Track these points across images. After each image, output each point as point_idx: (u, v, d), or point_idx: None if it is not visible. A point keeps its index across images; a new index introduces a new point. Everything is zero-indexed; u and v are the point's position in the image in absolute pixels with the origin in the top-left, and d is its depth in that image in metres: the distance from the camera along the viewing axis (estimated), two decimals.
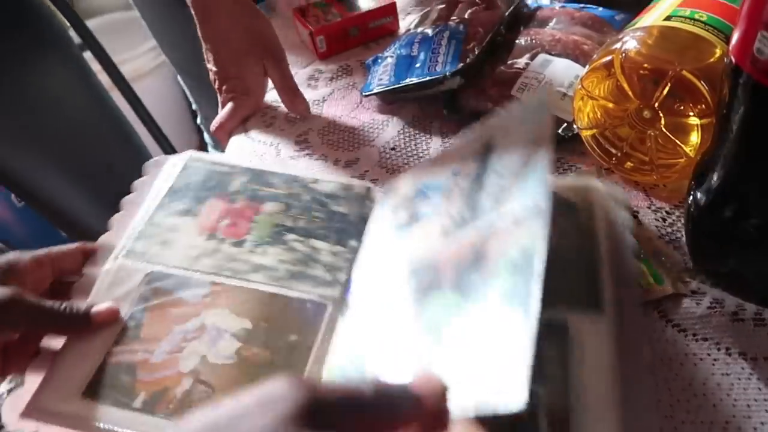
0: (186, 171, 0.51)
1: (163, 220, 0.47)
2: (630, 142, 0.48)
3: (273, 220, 0.47)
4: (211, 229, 0.46)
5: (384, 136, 0.59)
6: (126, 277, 0.44)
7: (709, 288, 0.41)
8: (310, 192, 0.49)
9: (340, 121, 0.62)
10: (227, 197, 0.48)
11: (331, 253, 0.45)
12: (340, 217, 0.47)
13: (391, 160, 0.56)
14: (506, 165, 0.34)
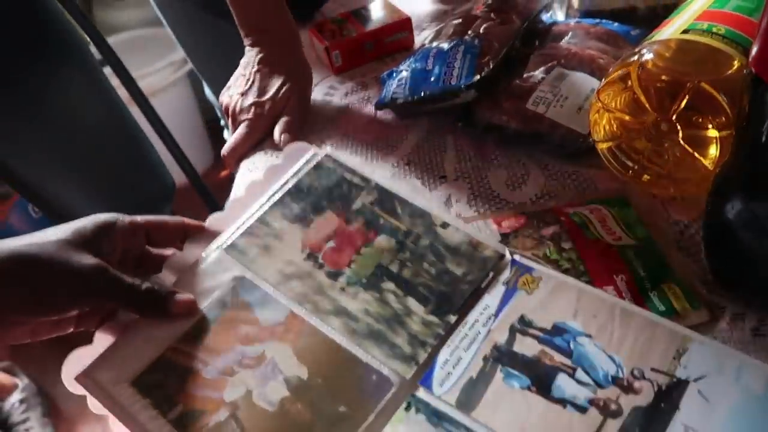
0: (317, 170, 0.50)
1: (275, 221, 0.47)
2: (647, 155, 0.48)
3: (379, 257, 0.44)
4: (315, 248, 0.45)
5: (399, 150, 0.59)
6: (218, 272, 0.44)
7: (728, 302, 0.40)
8: (433, 236, 0.45)
9: (354, 136, 0.62)
10: (346, 214, 0.47)
11: (422, 321, 0.41)
12: (452, 279, 0.43)
13: (405, 174, 0.56)
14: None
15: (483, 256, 0.43)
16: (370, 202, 0.47)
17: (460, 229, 0.45)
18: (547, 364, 0.37)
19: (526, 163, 0.55)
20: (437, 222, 0.46)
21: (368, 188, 0.48)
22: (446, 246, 0.44)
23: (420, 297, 0.42)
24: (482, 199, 0.53)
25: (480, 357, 0.38)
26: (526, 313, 0.40)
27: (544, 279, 0.42)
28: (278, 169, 0.50)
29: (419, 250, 0.44)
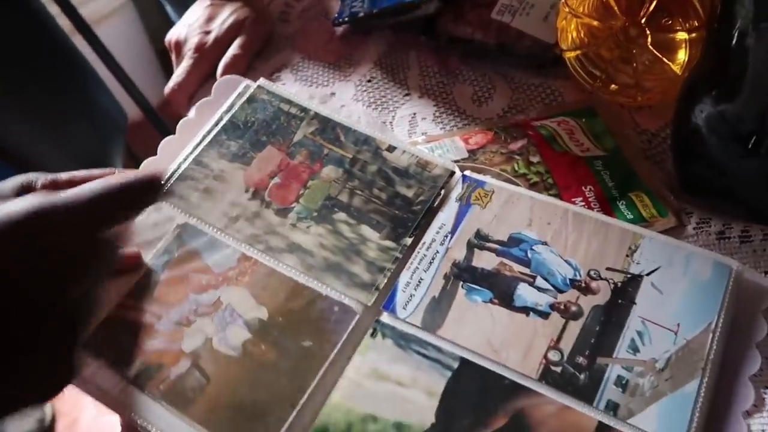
0: (251, 104, 0.49)
1: (212, 161, 0.46)
2: (614, 64, 0.46)
3: (327, 189, 0.45)
4: (260, 186, 0.45)
5: (359, 68, 0.56)
6: (159, 221, 0.44)
7: (695, 208, 0.40)
8: (380, 161, 0.46)
9: (313, 56, 0.59)
10: (287, 148, 0.47)
11: (378, 247, 0.41)
12: (403, 202, 0.43)
13: (368, 92, 0.53)
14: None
15: (432, 174, 0.45)
16: (311, 132, 0.48)
17: (407, 151, 0.46)
18: (507, 276, 0.40)
19: (491, 76, 0.54)
20: (382, 146, 0.46)
21: (308, 118, 0.48)
22: (394, 169, 0.45)
23: (373, 223, 0.43)
24: (448, 116, 0.51)
25: (440, 276, 0.40)
26: (481, 227, 0.42)
27: (497, 192, 0.42)
28: (209, 105, 0.50)
29: (367, 177, 0.45)
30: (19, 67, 0.79)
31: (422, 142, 0.50)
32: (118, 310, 0.40)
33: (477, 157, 0.47)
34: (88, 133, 0.92)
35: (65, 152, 0.88)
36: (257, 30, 0.62)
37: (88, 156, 0.90)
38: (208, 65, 0.62)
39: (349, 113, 0.55)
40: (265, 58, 0.63)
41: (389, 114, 0.54)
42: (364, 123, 0.53)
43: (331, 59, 0.61)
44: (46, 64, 0.84)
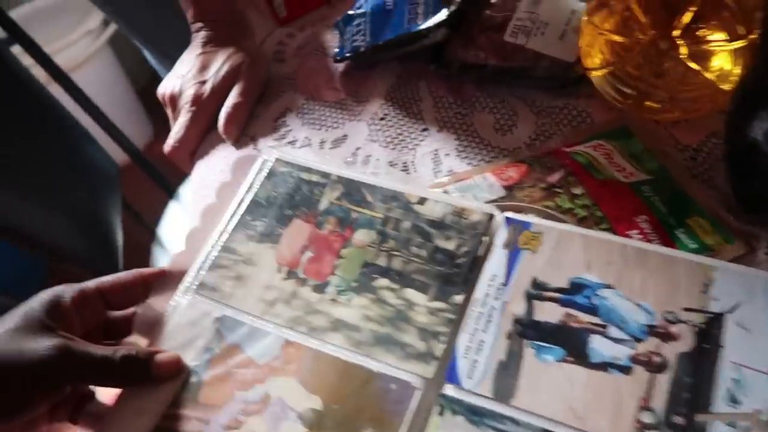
0: (271, 179, 0.47)
1: (240, 245, 0.44)
2: (645, 79, 0.43)
3: (363, 255, 0.42)
4: (292, 264, 0.43)
5: (369, 106, 0.53)
6: (195, 318, 0.41)
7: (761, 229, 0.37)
8: (412, 216, 0.43)
9: (317, 96, 0.56)
10: (315, 218, 0.44)
11: (428, 310, 0.38)
12: (445, 256, 0.40)
13: (383, 131, 0.50)
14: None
15: (471, 221, 0.42)
16: (337, 197, 0.45)
17: (439, 201, 0.43)
18: (576, 328, 0.37)
19: (511, 102, 0.51)
20: (413, 199, 0.44)
21: (330, 183, 0.46)
22: (430, 222, 0.43)
23: (418, 285, 0.40)
24: (472, 149, 0.48)
25: (503, 335, 0.37)
26: (536, 274, 0.39)
27: (546, 233, 0.39)
28: (229, 186, 0.48)
29: (402, 235, 0.42)
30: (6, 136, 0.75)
31: (450, 182, 0.46)
32: (164, 421, 0.36)
33: (514, 194, 0.44)
34: (82, 191, 0.88)
35: (60, 215, 0.84)
36: (255, 74, 0.59)
37: (84, 215, 0.86)
38: (208, 117, 0.58)
39: (366, 156, 0.51)
40: (266, 103, 0.59)
41: (409, 153, 0.51)
42: (384, 165, 0.50)
43: (336, 98, 0.58)
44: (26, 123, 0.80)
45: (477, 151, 0.49)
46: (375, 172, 0.50)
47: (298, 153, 0.53)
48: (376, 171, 0.50)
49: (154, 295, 0.43)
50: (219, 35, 0.60)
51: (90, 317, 0.39)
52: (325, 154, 0.53)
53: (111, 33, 1.73)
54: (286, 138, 0.55)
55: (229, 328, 0.40)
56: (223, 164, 0.54)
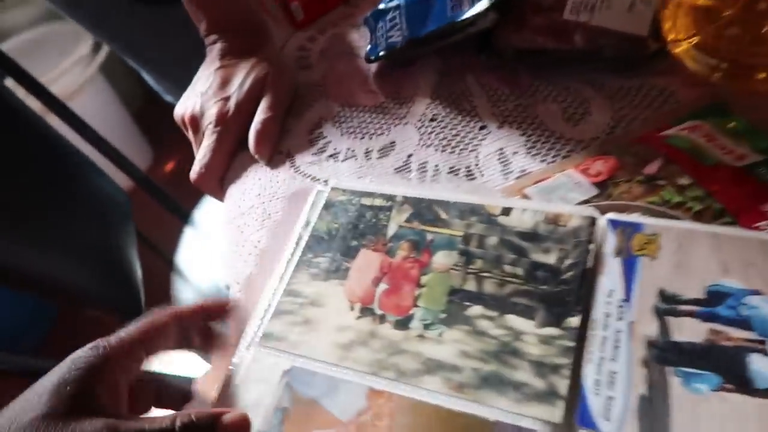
0: (329, 210, 0.42)
1: (304, 287, 0.39)
2: (740, 46, 0.37)
3: (447, 281, 0.36)
4: (366, 300, 0.37)
5: (415, 107, 0.47)
6: (261, 373, 0.36)
7: None
8: (498, 230, 0.37)
9: (352, 102, 0.50)
10: (384, 246, 0.39)
11: (539, 339, 0.32)
12: (547, 272, 0.35)
13: (436, 134, 0.44)
14: None
15: (570, 228, 0.36)
16: (406, 219, 0.40)
17: (527, 209, 0.37)
18: (728, 347, 0.30)
19: (577, 88, 0.45)
20: (495, 211, 0.38)
21: (396, 206, 0.41)
22: (520, 234, 0.37)
23: (520, 310, 0.34)
24: (543, 144, 0.43)
25: (637, 363, 0.31)
26: (663, 285, 0.33)
27: (663, 234, 0.33)
28: (284, 225, 0.43)
29: (490, 253, 0.37)
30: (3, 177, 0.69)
31: (528, 184, 0.41)
32: None
33: (610, 191, 0.38)
34: (93, 225, 0.82)
35: (72, 254, 0.78)
36: (282, 85, 0.53)
37: (99, 252, 0.80)
38: (235, 137, 0.52)
39: (421, 164, 0.45)
40: (297, 115, 0.54)
41: (470, 155, 0.45)
42: (444, 173, 0.44)
43: (374, 102, 0.52)
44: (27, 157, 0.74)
45: (549, 146, 0.43)
46: (435, 180, 0.44)
47: (343, 166, 0.47)
48: (436, 179, 0.44)
49: (215, 356, 0.38)
50: (237, 46, 0.54)
51: (138, 372, 0.33)
52: (374, 165, 0.47)
53: (103, 58, 1.67)
54: (326, 151, 0.50)
55: (302, 381, 0.34)
56: (258, 187, 0.49)
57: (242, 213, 0.48)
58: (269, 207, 0.46)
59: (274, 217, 0.46)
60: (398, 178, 0.45)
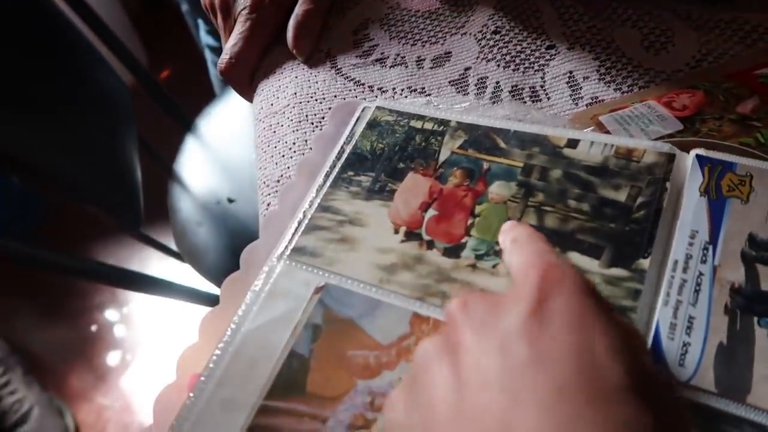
0: (373, 128, 0.39)
1: (343, 204, 0.36)
2: None
3: (504, 212, 0.34)
4: (412, 224, 0.35)
5: (475, 17, 0.43)
6: (290, 287, 0.34)
7: None
8: (563, 163, 0.34)
9: (404, 4, 0.46)
10: (434, 171, 0.36)
11: (604, 279, 0.30)
12: (617, 210, 0.32)
13: (499, 48, 0.40)
14: None
15: (645, 164, 0.33)
16: (460, 146, 0.37)
17: (596, 142, 0.34)
18: None
19: (659, 14, 0.41)
20: (560, 143, 0.35)
21: (450, 131, 0.37)
22: (588, 168, 0.34)
23: (585, 248, 0.31)
24: (619, 71, 0.39)
25: (720, 310, 0.29)
26: (754, 230, 0.30)
27: (757, 176, 0.30)
28: (326, 136, 0.40)
29: (553, 186, 0.34)
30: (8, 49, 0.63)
31: (601, 112, 0.37)
32: (262, 416, 0.28)
33: (698, 127, 0.35)
34: (99, 122, 0.77)
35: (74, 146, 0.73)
36: None
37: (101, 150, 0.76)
38: (270, 27, 0.48)
39: (480, 79, 0.42)
40: (340, 13, 0.49)
41: (536, 74, 0.41)
42: (506, 91, 0.41)
43: (428, 6, 0.48)
44: (30, 36, 0.69)
45: (626, 74, 0.40)
46: (495, 98, 0.41)
47: (391, 73, 0.44)
48: (497, 97, 0.41)
49: (244, 258, 0.35)
50: None
51: None
52: (426, 75, 0.43)
53: None
54: (372, 54, 0.45)
55: (337, 300, 0.32)
56: (295, 86, 0.45)
57: (275, 112, 0.44)
58: (306, 108, 0.43)
59: (311, 119, 0.42)
60: (454, 91, 0.42)
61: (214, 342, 0.32)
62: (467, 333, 0.23)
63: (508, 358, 0.21)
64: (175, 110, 1.00)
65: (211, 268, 0.83)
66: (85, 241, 1.55)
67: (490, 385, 0.21)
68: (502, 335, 0.22)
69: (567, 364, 0.20)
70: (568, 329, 0.21)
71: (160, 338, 1.41)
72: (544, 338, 0.21)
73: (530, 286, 0.23)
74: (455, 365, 0.22)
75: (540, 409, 0.19)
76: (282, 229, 0.36)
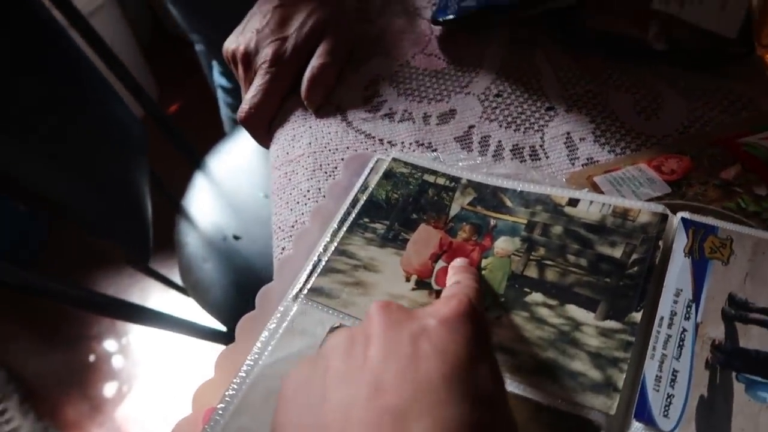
0: (389, 179, 0.42)
1: (358, 249, 0.39)
2: None
3: (508, 266, 0.37)
4: (423, 273, 0.37)
5: (479, 78, 0.47)
6: (305, 326, 0.36)
7: None
8: (563, 220, 0.37)
9: (413, 63, 0.49)
10: (445, 224, 0.39)
11: (599, 331, 0.33)
12: (612, 266, 0.35)
13: (500, 109, 0.44)
14: None
15: (639, 223, 0.36)
16: (469, 203, 0.40)
17: (595, 201, 0.38)
18: None
19: (651, 81, 0.45)
20: (561, 201, 0.38)
21: (460, 188, 0.41)
22: (586, 226, 0.37)
23: (582, 301, 0.34)
24: (613, 134, 0.42)
25: (701, 365, 0.31)
26: (734, 290, 0.33)
27: (736, 240, 0.33)
28: (340, 185, 0.43)
29: (554, 242, 0.37)
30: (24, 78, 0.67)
31: (596, 173, 0.41)
32: None
33: (684, 191, 0.38)
34: (112, 155, 0.80)
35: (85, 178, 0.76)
36: (342, 33, 0.52)
37: (113, 183, 0.79)
38: (288, 80, 0.51)
39: (483, 137, 0.45)
40: (352, 69, 0.53)
41: (535, 135, 0.45)
42: (507, 150, 0.44)
43: (435, 66, 0.51)
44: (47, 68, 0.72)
45: (619, 136, 0.43)
46: (497, 156, 0.44)
47: (399, 127, 0.47)
48: (499, 155, 0.44)
49: (260, 298, 0.38)
50: None
51: None
52: (432, 131, 0.46)
53: None
54: (381, 110, 0.49)
55: None
56: (309, 136, 0.48)
57: (290, 160, 0.47)
58: (321, 158, 0.46)
59: (325, 168, 0.45)
60: (458, 147, 0.45)
61: (230, 377, 0.34)
62: (381, 326, 0.27)
63: (411, 349, 0.26)
64: (185, 146, 1.04)
65: (215, 304, 0.86)
66: (84, 269, 1.57)
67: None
68: (410, 333, 0.27)
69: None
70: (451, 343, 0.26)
71: (157, 371, 1.42)
72: (440, 342, 0.26)
73: (449, 308, 0.28)
74: (355, 356, 0.27)
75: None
76: (296, 272, 0.39)
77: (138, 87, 0.99)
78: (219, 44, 0.55)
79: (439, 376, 0.25)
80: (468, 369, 0.25)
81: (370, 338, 0.27)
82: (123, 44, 1.71)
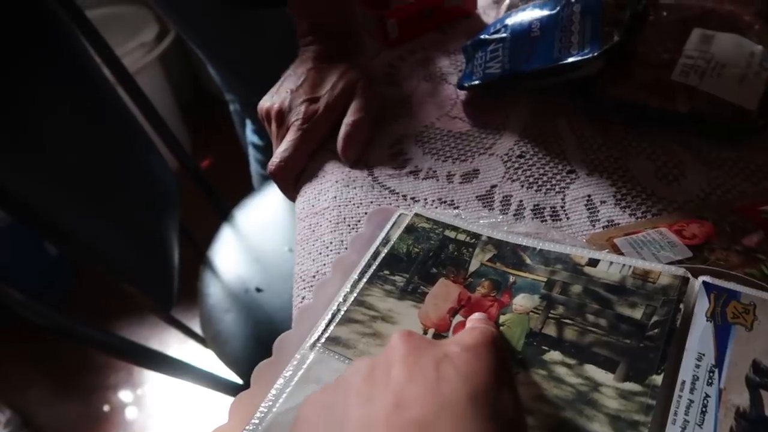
0: (411, 233, 0.43)
1: (377, 301, 0.39)
2: None
3: (526, 323, 0.36)
4: (440, 327, 0.37)
5: (502, 140, 0.48)
6: (322, 374, 0.36)
7: None
8: (583, 280, 0.37)
9: (438, 125, 0.51)
10: (464, 279, 0.39)
11: (618, 393, 0.32)
12: (632, 327, 0.34)
13: (523, 170, 0.45)
14: None
15: (659, 286, 0.36)
16: (489, 259, 0.40)
17: (615, 263, 0.37)
18: None
19: (671, 149, 0.45)
20: (581, 261, 0.38)
21: (480, 244, 0.41)
22: (606, 286, 0.37)
23: (601, 361, 0.33)
24: (634, 198, 0.43)
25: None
26: (758, 357, 0.31)
27: (759, 306, 0.32)
28: (363, 238, 0.44)
29: (573, 301, 0.36)
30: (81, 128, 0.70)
31: (616, 235, 0.41)
32: None
33: (706, 256, 0.38)
34: (144, 206, 0.83)
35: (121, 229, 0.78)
36: (372, 94, 0.54)
37: (144, 233, 0.81)
38: (319, 137, 0.53)
39: (505, 197, 0.46)
40: (379, 128, 0.55)
41: (556, 196, 0.45)
42: (528, 210, 0.45)
43: (459, 128, 0.53)
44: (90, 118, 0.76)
45: (640, 201, 0.44)
46: (518, 215, 0.44)
47: (423, 185, 0.48)
48: (520, 215, 0.44)
49: (278, 345, 0.38)
50: (332, 50, 0.56)
51: None
52: (455, 189, 0.47)
53: (164, 48, 1.72)
54: (407, 167, 0.50)
55: None
56: (335, 190, 0.49)
57: (315, 212, 0.48)
58: (345, 212, 0.47)
59: (348, 221, 0.46)
60: (480, 205, 0.46)
61: (243, 423, 0.34)
62: (403, 351, 0.28)
63: (434, 373, 0.27)
64: (215, 198, 1.07)
65: (233, 356, 0.86)
66: (106, 316, 1.58)
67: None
68: (434, 358, 0.28)
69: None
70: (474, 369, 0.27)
71: (170, 423, 1.40)
72: (464, 366, 0.27)
73: (472, 337, 0.29)
74: (377, 378, 0.27)
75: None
76: (314, 321, 0.39)
77: (175, 141, 1.03)
78: (254, 104, 0.58)
79: (463, 395, 0.25)
80: (491, 393, 0.26)
81: (393, 363, 0.28)
82: (163, 101, 1.79)
